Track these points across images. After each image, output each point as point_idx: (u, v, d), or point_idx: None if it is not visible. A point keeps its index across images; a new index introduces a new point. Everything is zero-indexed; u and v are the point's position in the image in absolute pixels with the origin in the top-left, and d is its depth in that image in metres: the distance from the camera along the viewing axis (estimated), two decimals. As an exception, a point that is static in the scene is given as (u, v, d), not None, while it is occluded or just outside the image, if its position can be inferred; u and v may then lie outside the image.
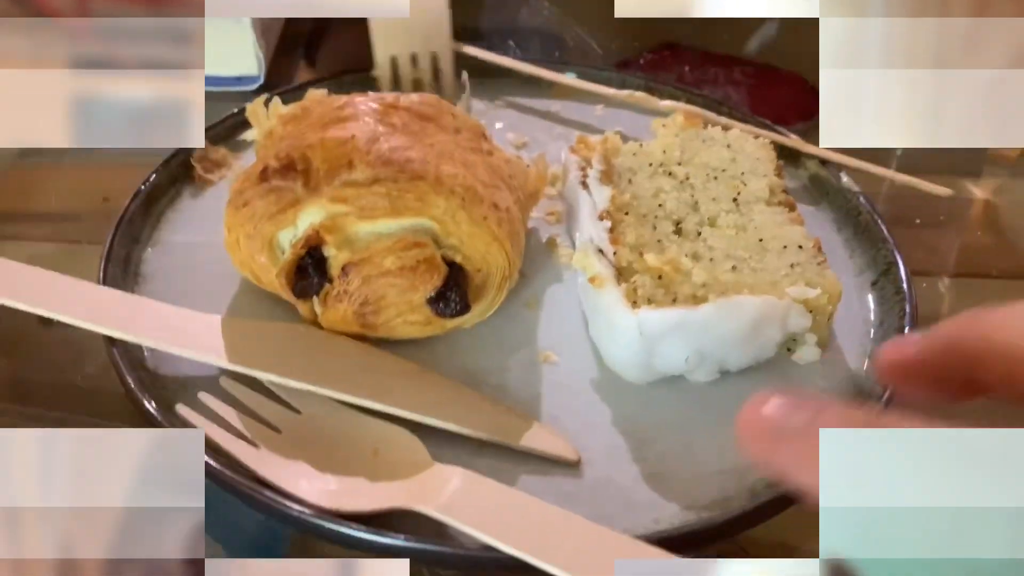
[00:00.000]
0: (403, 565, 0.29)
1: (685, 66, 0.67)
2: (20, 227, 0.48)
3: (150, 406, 0.33)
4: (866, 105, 0.33)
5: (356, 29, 0.53)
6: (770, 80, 0.65)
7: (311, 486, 0.31)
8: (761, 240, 0.39)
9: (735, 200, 0.41)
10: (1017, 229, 0.53)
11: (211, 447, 0.32)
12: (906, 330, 0.38)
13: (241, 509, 0.32)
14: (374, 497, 0.31)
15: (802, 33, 0.70)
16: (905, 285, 0.40)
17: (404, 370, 0.36)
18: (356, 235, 0.36)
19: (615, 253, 0.38)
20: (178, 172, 0.45)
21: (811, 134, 0.51)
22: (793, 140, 0.49)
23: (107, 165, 0.52)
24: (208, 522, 0.33)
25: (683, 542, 0.30)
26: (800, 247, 0.39)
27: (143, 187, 0.43)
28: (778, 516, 0.32)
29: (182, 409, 0.33)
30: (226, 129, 0.48)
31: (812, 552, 0.21)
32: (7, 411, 0.38)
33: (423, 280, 0.36)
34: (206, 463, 0.31)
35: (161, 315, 0.36)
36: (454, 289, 0.36)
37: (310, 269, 0.36)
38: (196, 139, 0.36)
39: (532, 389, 0.36)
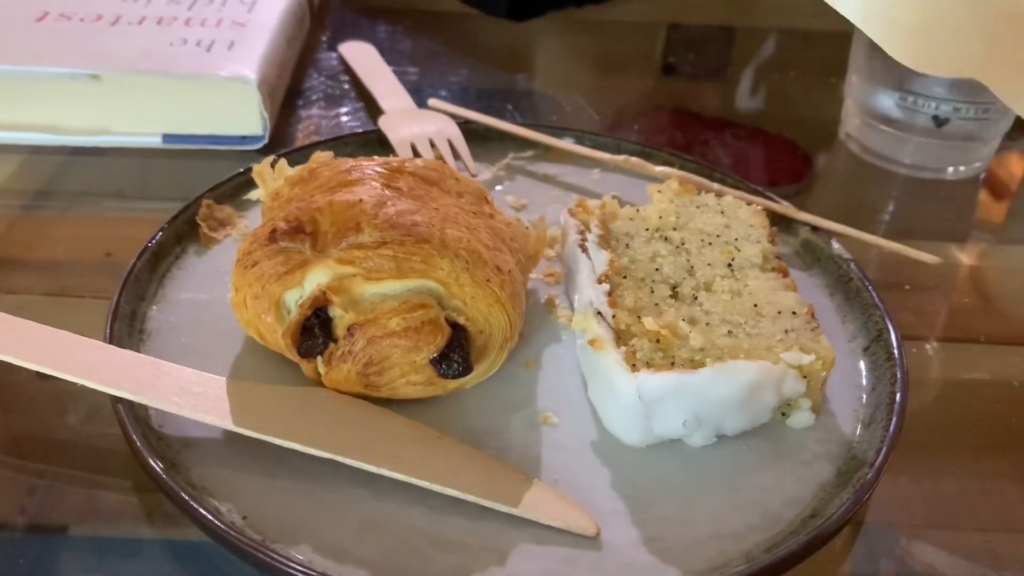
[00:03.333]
0: None
1: (676, 129, 0.68)
2: (23, 279, 0.48)
3: (157, 465, 0.33)
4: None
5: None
6: (761, 143, 0.67)
7: None
8: (756, 305, 0.40)
9: (730, 265, 0.42)
10: (1003, 295, 0.54)
11: None
12: (897, 397, 0.39)
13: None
14: None
15: (792, 98, 0.73)
16: (896, 352, 0.41)
17: (417, 435, 0.36)
18: (362, 296, 0.37)
19: (614, 316, 0.39)
20: (184, 230, 0.46)
21: (802, 196, 0.52)
22: (785, 207, 0.50)
23: (109, 219, 0.53)
24: None
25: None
26: (794, 313, 0.40)
27: (149, 244, 0.44)
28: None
29: None
30: (231, 188, 0.49)
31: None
32: (6, 464, 0.38)
33: (427, 341, 0.36)
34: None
35: (171, 376, 0.37)
36: (457, 350, 0.37)
37: (316, 329, 0.37)
38: None
39: (532, 450, 0.37)
